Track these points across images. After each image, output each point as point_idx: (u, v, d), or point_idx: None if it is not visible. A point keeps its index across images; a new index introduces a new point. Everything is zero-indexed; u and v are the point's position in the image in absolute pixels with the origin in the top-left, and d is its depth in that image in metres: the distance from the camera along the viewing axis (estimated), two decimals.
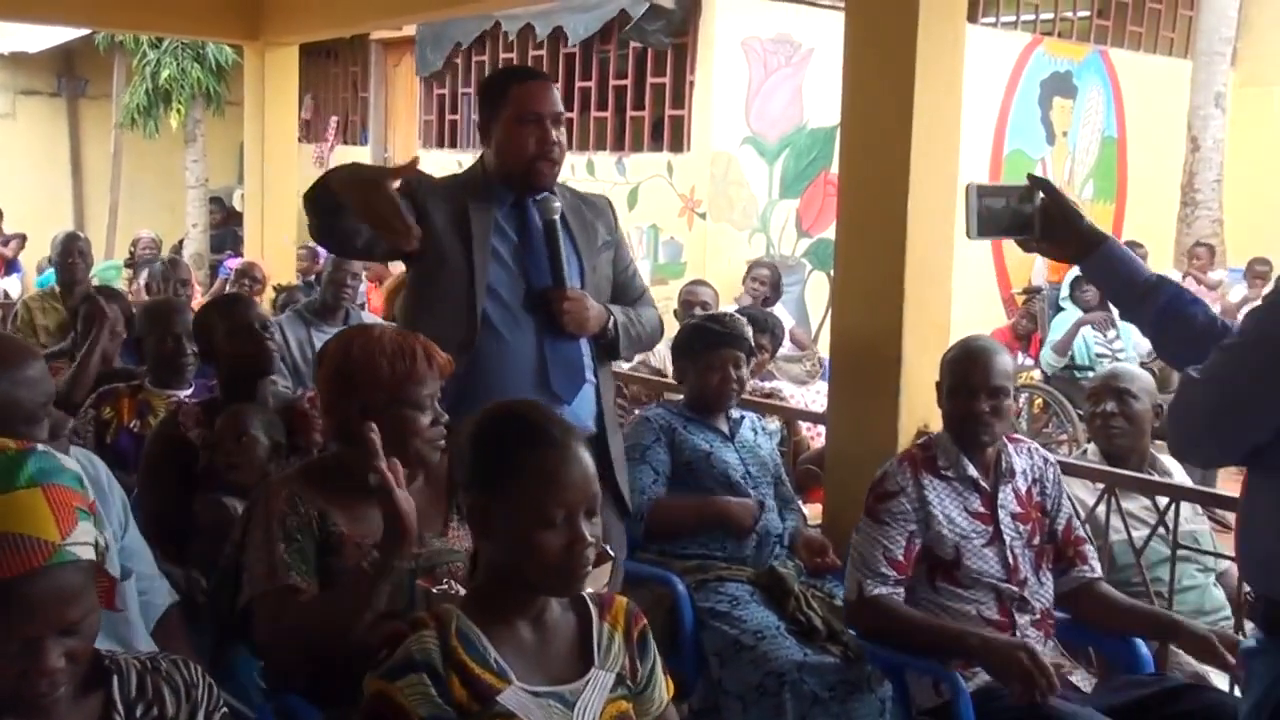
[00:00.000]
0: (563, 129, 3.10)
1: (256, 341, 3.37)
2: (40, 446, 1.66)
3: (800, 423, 5.03)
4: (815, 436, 5.08)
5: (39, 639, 1.54)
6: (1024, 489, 3.18)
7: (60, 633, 1.55)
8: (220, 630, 2.59)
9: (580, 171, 9.67)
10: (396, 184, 2.87)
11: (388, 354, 2.53)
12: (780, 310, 7.38)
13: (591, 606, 2.04)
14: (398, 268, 10.26)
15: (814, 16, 9.36)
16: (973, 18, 6.84)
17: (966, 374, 3.11)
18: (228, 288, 7.31)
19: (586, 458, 1.97)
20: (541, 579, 1.94)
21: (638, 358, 5.51)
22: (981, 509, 3.12)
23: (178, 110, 12.23)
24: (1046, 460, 3.27)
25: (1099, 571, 3.22)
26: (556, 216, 3.08)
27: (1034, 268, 10.77)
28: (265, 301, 7.35)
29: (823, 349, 7.03)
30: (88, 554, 1.58)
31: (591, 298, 3.11)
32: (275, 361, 3.46)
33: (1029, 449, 3.27)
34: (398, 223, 2.83)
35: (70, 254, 6.32)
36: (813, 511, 4.17)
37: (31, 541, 1.53)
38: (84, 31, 11.64)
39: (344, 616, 2.30)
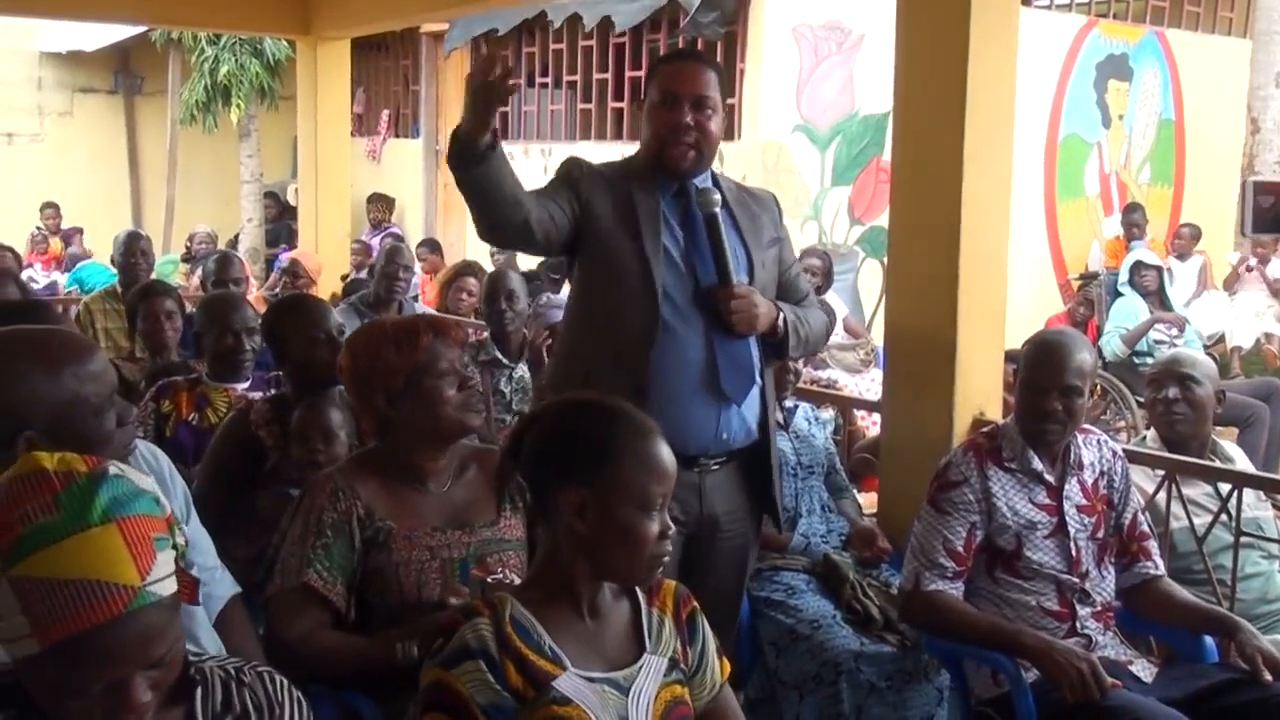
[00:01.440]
0: (709, 113, 2.92)
1: (329, 349, 3.34)
2: (113, 468, 1.56)
3: (855, 411, 5.01)
4: (871, 425, 5.08)
5: (124, 680, 1.47)
6: (1090, 482, 3.14)
7: (147, 667, 1.49)
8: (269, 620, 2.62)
9: None
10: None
11: (391, 339, 2.57)
12: (833, 298, 7.36)
13: (640, 592, 2.05)
14: (452, 260, 10.38)
15: (865, 2, 9.28)
16: (1026, 0, 6.85)
17: (1040, 370, 3.05)
18: (279, 284, 7.40)
19: (669, 448, 1.97)
20: (629, 567, 1.94)
21: None
22: (1047, 500, 3.08)
23: (238, 105, 12.39)
24: (1115, 454, 3.22)
25: (1162, 569, 3.18)
26: (717, 209, 2.91)
27: (1091, 253, 10.68)
28: (323, 293, 7.43)
29: (876, 337, 6.98)
30: (170, 588, 1.52)
31: (760, 294, 2.95)
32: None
33: (1098, 441, 3.22)
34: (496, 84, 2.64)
35: (133, 254, 6.35)
36: (868, 500, 4.17)
37: (109, 588, 1.44)
38: (139, 30, 11.82)
39: (345, 665, 2.38)
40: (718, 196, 2.93)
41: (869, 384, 5.70)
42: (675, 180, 2.95)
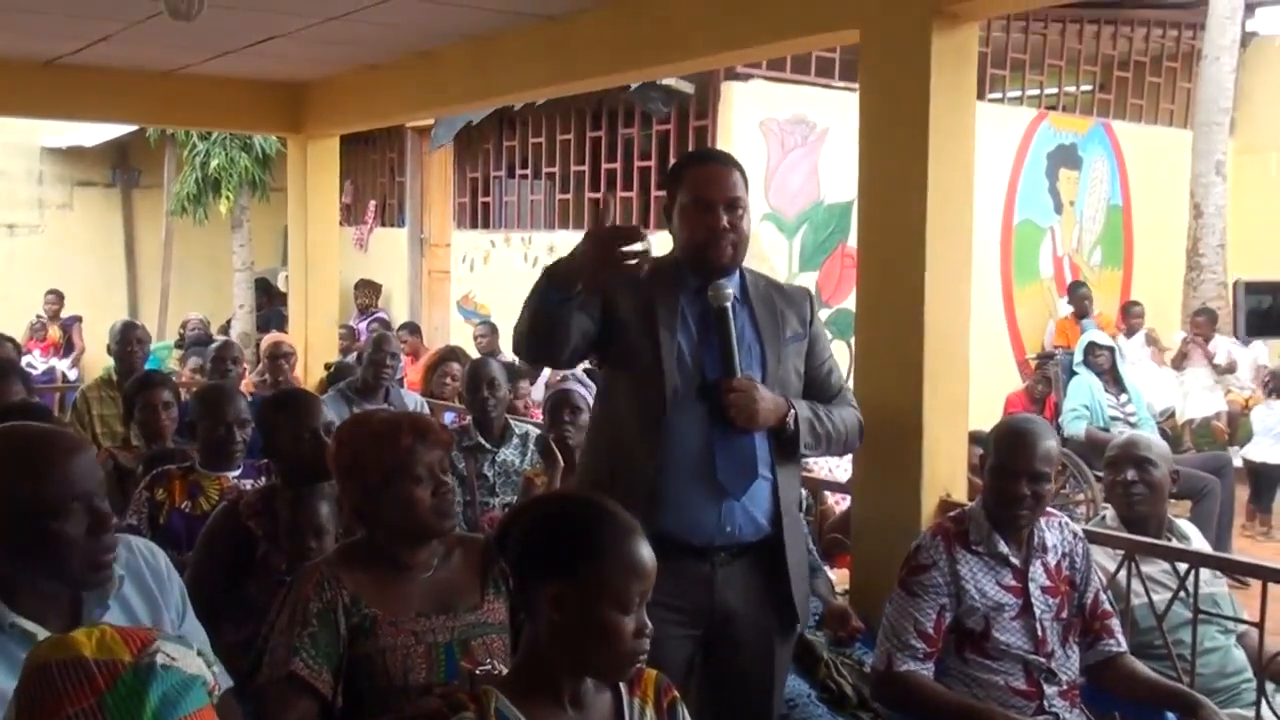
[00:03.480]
0: (741, 212, 2.94)
1: (315, 447, 3.35)
2: (160, 656, 1.46)
3: (825, 491, 5.08)
4: (839, 503, 5.10)
5: None
6: (1054, 563, 3.19)
7: None
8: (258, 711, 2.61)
9: None
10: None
11: (374, 436, 2.59)
12: None
13: (621, 683, 2.04)
14: (434, 345, 10.68)
15: (828, 97, 9.64)
16: (980, 94, 7.14)
17: (1011, 455, 3.10)
18: (261, 364, 7.56)
19: (650, 548, 1.98)
20: (605, 663, 1.94)
21: None
22: (1013, 582, 3.13)
23: (226, 197, 12.61)
24: (1076, 535, 3.28)
25: (1124, 645, 3.23)
26: (728, 304, 2.89)
27: (1047, 332, 10.97)
28: (304, 374, 7.61)
29: None
30: None
31: (767, 388, 2.89)
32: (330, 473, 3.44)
33: (1060, 523, 3.28)
34: (625, 253, 2.62)
35: (129, 343, 6.43)
36: (839, 577, 4.20)
37: None
38: (136, 126, 12.05)
39: None
40: (729, 291, 2.91)
41: (838, 462, 5.69)
42: (702, 278, 2.94)
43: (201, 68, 7.21)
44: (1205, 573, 3.59)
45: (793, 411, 2.91)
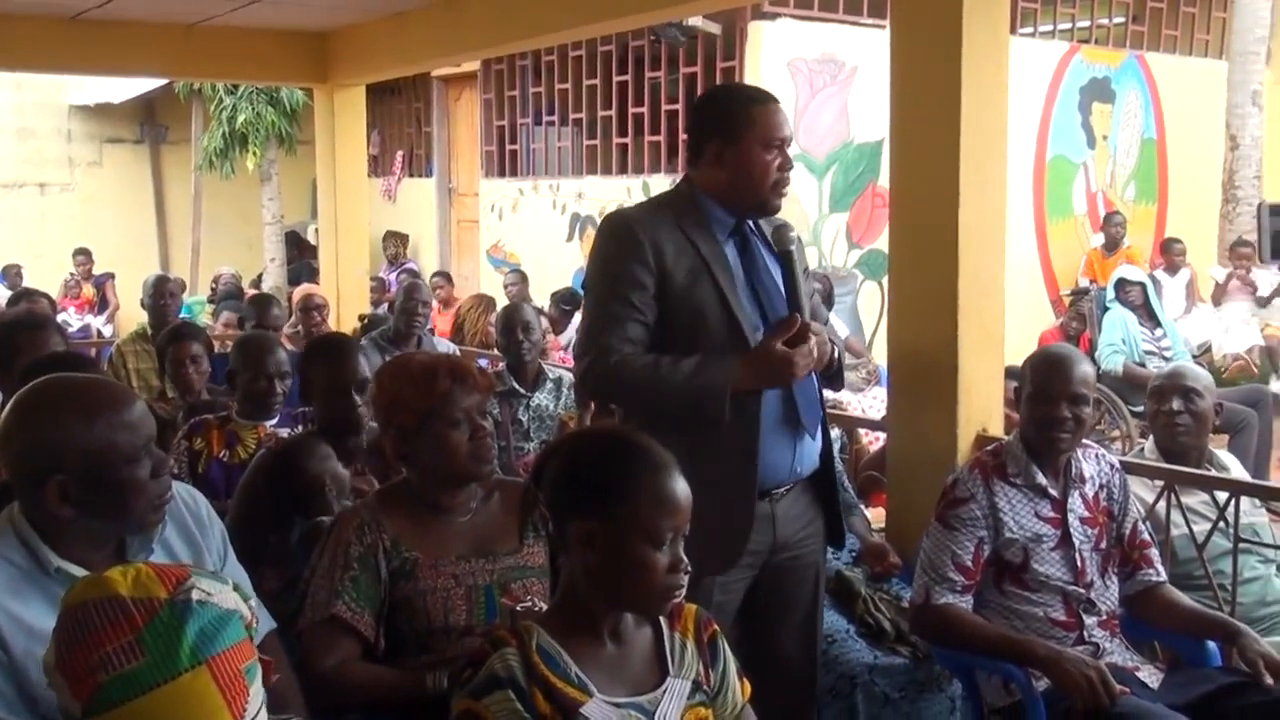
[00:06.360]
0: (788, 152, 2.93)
1: (348, 406, 3.40)
2: (196, 592, 1.46)
3: (859, 429, 5.08)
4: (874, 442, 5.11)
5: None
6: (1092, 494, 3.18)
7: None
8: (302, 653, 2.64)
9: (637, 193, 9.88)
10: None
11: (413, 377, 2.60)
12: (834, 320, 7.58)
13: (662, 617, 2.06)
14: (463, 294, 10.71)
15: (857, 35, 9.52)
16: (1011, 29, 7.02)
17: (1049, 380, 3.09)
18: (294, 316, 7.61)
19: (684, 482, 1.97)
20: (640, 599, 1.95)
21: None
22: (1051, 514, 3.12)
23: (253, 152, 12.68)
24: (1113, 466, 3.27)
25: (1163, 575, 3.23)
26: (792, 247, 2.87)
27: (1080, 269, 10.92)
28: (336, 324, 7.66)
29: (877, 356, 7.08)
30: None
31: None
32: (363, 425, 3.46)
33: (1096, 455, 3.27)
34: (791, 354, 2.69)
35: (161, 296, 6.55)
36: (875, 515, 4.20)
37: None
38: (164, 81, 12.08)
39: (378, 696, 2.43)
40: (795, 234, 2.91)
41: (871, 402, 5.71)
42: (740, 217, 2.91)
43: (227, 19, 7.18)
44: (1245, 503, 3.57)
45: (835, 347, 2.93)
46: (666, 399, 2.75)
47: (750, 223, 2.96)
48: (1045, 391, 3.09)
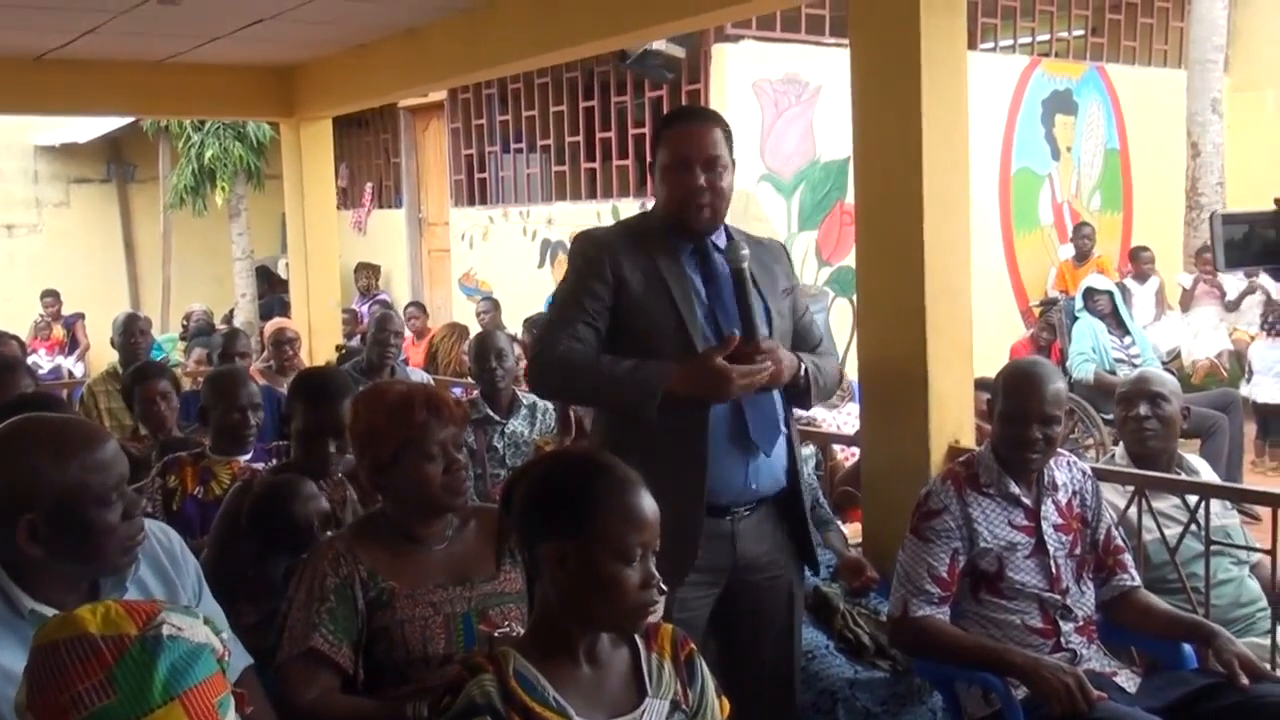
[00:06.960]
0: (721, 170, 2.91)
1: (323, 453, 3.39)
2: (166, 627, 1.45)
3: (833, 445, 5.06)
4: (848, 458, 5.12)
5: None
6: (1065, 501, 3.20)
7: None
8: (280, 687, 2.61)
9: (607, 218, 9.91)
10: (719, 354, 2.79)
11: (389, 408, 2.59)
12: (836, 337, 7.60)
13: (638, 638, 2.05)
14: (436, 324, 10.71)
15: (820, 55, 9.63)
16: (972, 44, 7.06)
17: (1020, 400, 3.10)
18: (266, 351, 7.59)
19: (652, 499, 1.98)
20: (614, 617, 1.95)
21: None
22: (1025, 522, 3.14)
23: (222, 188, 12.64)
24: (1085, 473, 3.29)
25: (1138, 580, 3.24)
26: (745, 265, 2.88)
27: (1049, 279, 10.99)
28: (308, 358, 7.62)
29: (849, 371, 7.13)
30: None
31: (781, 346, 2.93)
32: (334, 470, 3.45)
33: (1068, 462, 3.29)
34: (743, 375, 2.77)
35: (132, 334, 6.52)
36: (852, 530, 4.21)
37: None
38: (130, 120, 12.04)
39: None
40: (745, 251, 2.90)
41: (845, 418, 5.67)
42: (692, 239, 2.96)
43: (191, 55, 7.19)
44: (1216, 506, 3.60)
45: (803, 366, 2.96)
46: (600, 390, 2.87)
47: (712, 241, 3.00)
48: (1017, 412, 3.11)
